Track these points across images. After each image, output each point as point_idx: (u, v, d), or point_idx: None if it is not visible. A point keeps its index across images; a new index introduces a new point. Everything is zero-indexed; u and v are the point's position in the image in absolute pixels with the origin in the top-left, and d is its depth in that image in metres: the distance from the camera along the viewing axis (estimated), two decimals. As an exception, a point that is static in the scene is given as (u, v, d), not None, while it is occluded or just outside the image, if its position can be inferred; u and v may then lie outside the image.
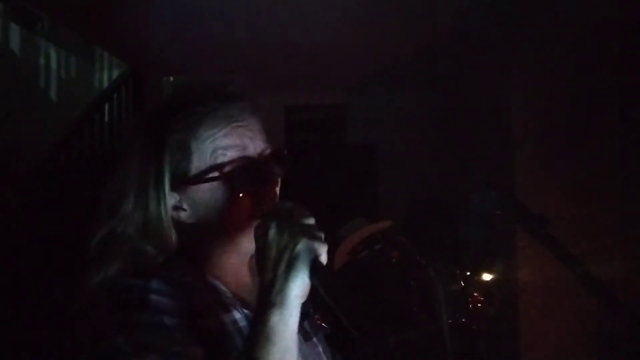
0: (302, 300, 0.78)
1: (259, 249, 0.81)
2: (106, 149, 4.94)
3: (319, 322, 1.16)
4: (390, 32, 3.75)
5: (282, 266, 0.76)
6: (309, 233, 0.78)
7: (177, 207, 0.89)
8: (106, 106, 5.10)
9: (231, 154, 0.87)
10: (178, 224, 0.90)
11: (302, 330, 0.96)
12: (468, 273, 2.64)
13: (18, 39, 5.70)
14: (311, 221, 0.80)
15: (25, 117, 5.16)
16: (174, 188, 0.88)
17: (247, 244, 0.88)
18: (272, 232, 0.78)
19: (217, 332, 0.84)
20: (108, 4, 3.41)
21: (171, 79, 5.94)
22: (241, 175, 0.86)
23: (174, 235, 0.89)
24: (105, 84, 6.45)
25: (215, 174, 0.86)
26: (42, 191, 4.22)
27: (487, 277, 2.72)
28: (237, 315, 0.89)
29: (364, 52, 4.17)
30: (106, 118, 5.14)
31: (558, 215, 3.50)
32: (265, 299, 0.77)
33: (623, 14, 3.13)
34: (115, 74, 6.34)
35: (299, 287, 0.77)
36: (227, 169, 0.86)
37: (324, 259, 0.78)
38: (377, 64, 4.46)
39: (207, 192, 0.87)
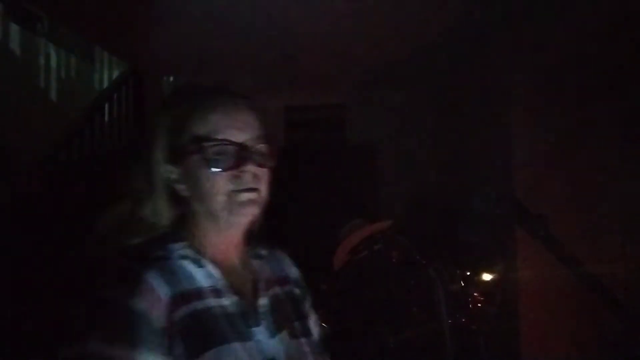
0: None
1: None
2: (106, 149, 4.94)
3: (319, 321, 1.19)
4: (390, 32, 3.75)
5: None
6: None
7: (175, 180, 1.02)
8: (106, 106, 5.10)
9: (214, 135, 0.99)
10: (178, 197, 1.02)
11: (291, 327, 1.05)
12: (468, 273, 2.64)
13: (18, 39, 5.70)
14: None
15: (25, 117, 5.16)
16: (172, 161, 1.01)
17: (225, 219, 1.00)
18: None
19: (205, 317, 0.93)
20: (108, 3, 3.41)
21: (171, 79, 5.94)
22: (221, 155, 0.98)
23: (167, 206, 1.02)
24: (105, 84, 6.45)
25: (200, 150, 0.98)
26: (42, 191, 4.22)
27: (487, 277, 2.72)
28: (226, 301, 0.98)
29: (364, 52, 4.17)
30: (106, 118, 5.14)
31: (558, 215, 3.50)
32: None
33: (624, 14, 3.13)
34: (115, 74, 6.34)
35: None
36: (209, 146, 0.98)
37: None
38: (377, 64, 4.46)
39: (195, 168, 0.99)
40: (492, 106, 4.10)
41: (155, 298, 0.90)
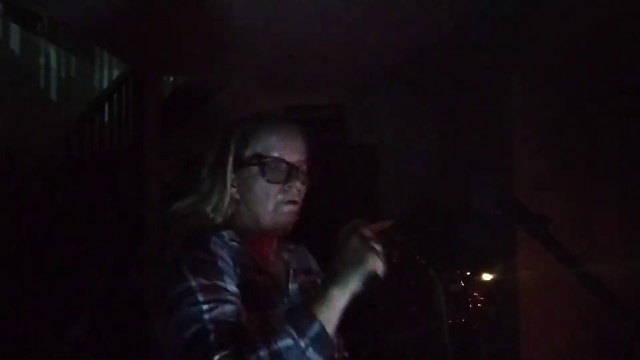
0: (354, 293, 1.05)
1: (340, 246, 1.08)
2: (106, 149, 4.94)
3: None
4: (390, 32, 3.75)
5: (353, 263, 1.05)
6: (378, 253, 1.09)
7: (231, 185, 1.22)
8: (106, 106, 5.09)
9: (272, 153, 1.21)
10: (232, 199, 1.23)
11: None
12: (468, 273, 2.63)
13: (18, 39, 5.70)
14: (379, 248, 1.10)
15: (25, 117, 5.16)
16: (234, 169, 1.22)
17: (267, 224, 1.22)
18: (356, 240, 1.07)
19: (252, 285, 1.14)
20: (108, 4, 3.41)
21: (171, 79, 5.94)
22: (275, 170, 1.20)
23: (227, 204, 1.22)
24: (105, 84, 6.44)
25: (259, 163, 1.20)
26: (42, 191, 4.22)
27: (487, 277, 2.71)
28: (266, 280, 1.19)
29: (364, 52, 4.17)
30: (106, 118, 5.13)
31: (558, 215, 3.50)
32: (332, 279, 1.05)
33: (623, 14, 3.13)
34: (115, 74, 6.34)
35: (358, 280, 1.05)
36: (267, 161, 1.20)
37: (380, 272, 1.08)
38: (377, 64, 4.46)
39: (250, 176, 1.21)
40: (492, 106, 4.10)
41: (224, 252, 1.13)
